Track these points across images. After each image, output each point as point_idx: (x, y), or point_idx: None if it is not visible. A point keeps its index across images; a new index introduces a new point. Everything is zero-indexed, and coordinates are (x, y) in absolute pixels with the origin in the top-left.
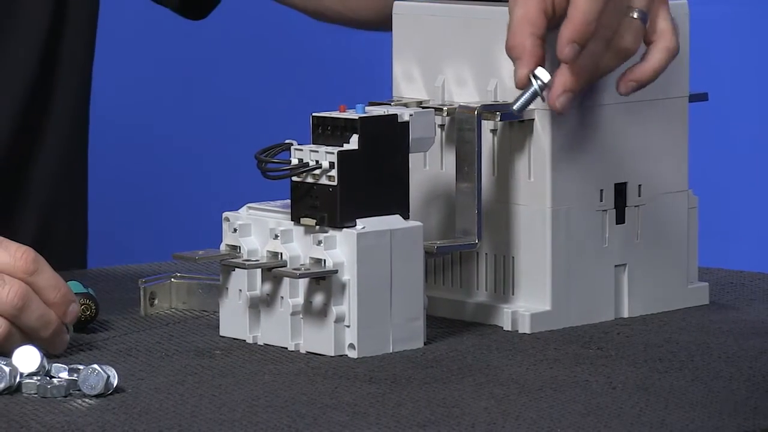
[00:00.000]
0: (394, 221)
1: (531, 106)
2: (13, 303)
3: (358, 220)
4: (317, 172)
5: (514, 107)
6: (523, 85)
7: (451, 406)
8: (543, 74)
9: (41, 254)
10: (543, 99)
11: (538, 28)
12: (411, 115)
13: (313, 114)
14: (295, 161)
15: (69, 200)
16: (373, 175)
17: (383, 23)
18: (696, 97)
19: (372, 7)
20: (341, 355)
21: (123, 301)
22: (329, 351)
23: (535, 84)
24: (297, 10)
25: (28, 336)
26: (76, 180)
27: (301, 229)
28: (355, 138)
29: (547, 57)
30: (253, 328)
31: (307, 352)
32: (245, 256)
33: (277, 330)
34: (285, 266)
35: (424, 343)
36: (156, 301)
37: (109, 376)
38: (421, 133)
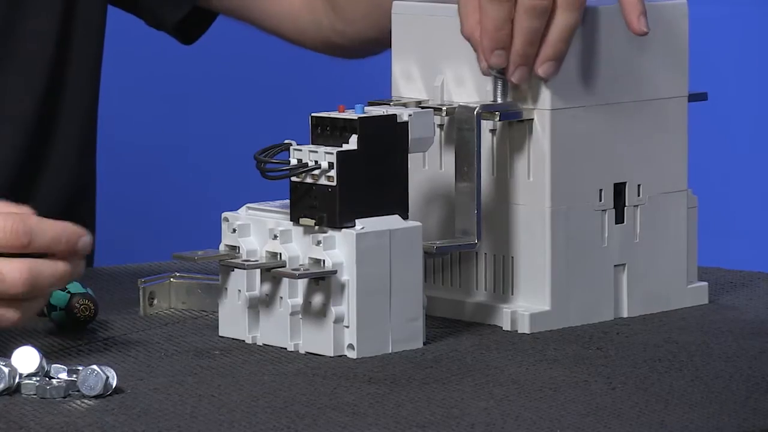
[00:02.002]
0: (393, 221)
1: (529, 105)
2: (22, 289)
3: (357, 221)
4: (316, 172)
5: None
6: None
7: (450, 406)
8: None
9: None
10: None
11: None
12: (410, 115)
13: (312, 114)
14: (294, 161)
15: (77, 209)
16: (373, 175)
17: (384, 39)
18: (695, 97)
19: (366, 13)
20: (340, 356)
21: (122, 301)
22: (328, 351)
23: None
24: (310, 48)
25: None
26: (85, 188)
27: (300, 229)
28: (354, 138)
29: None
30: (253, 329)
31: (307, 352)
32: (244, 257)
33: (277, 330)
34: (284, 266)
35: (424, 344)
36: (155, 301)
37: (108, 377)
38: (420, 133)
